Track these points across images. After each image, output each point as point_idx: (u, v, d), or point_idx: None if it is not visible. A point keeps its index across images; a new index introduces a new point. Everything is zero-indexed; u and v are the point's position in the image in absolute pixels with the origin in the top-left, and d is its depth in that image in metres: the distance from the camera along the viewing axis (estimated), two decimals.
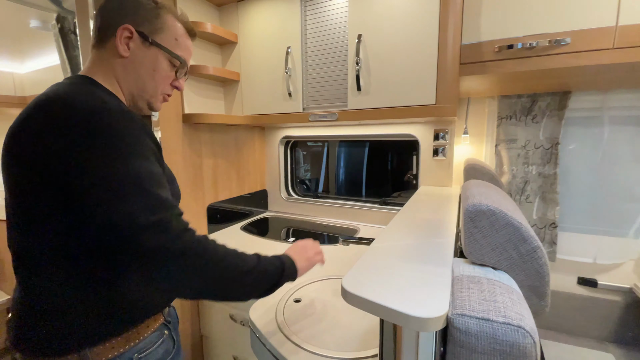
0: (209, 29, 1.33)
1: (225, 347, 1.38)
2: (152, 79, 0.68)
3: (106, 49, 0.65)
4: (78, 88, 0.57)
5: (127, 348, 0.60)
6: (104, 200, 0.49)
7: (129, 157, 0.52)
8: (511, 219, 0.49)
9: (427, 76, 1.08)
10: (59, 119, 0.52)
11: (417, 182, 1.47)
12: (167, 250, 0.51)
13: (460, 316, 0.40)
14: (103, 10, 0.66)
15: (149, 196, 0.52)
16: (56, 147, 0.51)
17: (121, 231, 0.49)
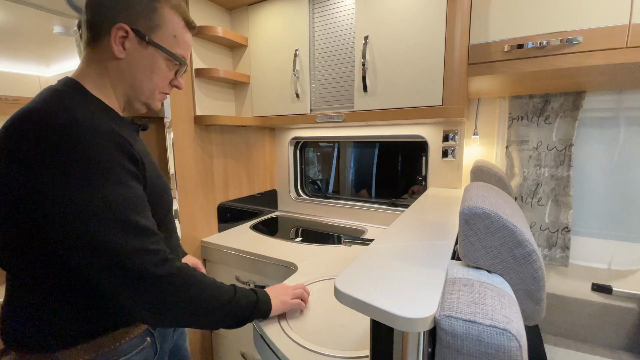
0: (220, 32, 1.37)
1: (233, 344, 1.42)
2: (149, 81, 0.64)
3: (99, 48, 0.60)
4: (53, 101, 0.53)
5: (99, 354, 0.58)
6: (74, 232, 0.49)
7: (100, 182, 0.50)
8: (506, 222, 0.49)
9: (433, 77, 1.07)
10: (20, 141, 0.49)
11: (426, 184, 1.46)
12: (152, 276, 0.52)
13: (447, 317, 0.40)
14: (94, 3, 0.59)
15: (127, 224, 0.51)
16: (18, 175, 0.48)
17: (104, 258, 0.50)
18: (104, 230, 0.50)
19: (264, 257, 1.22)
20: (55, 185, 0.48)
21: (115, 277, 0.51)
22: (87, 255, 0.50)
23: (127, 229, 0.52)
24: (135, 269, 0.51)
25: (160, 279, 0.53)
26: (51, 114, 0.50)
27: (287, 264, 1.16)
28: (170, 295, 0.55)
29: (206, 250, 1.42)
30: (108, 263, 0.50)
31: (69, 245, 0.50)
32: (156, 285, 0.53)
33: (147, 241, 0.54)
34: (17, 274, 0.57)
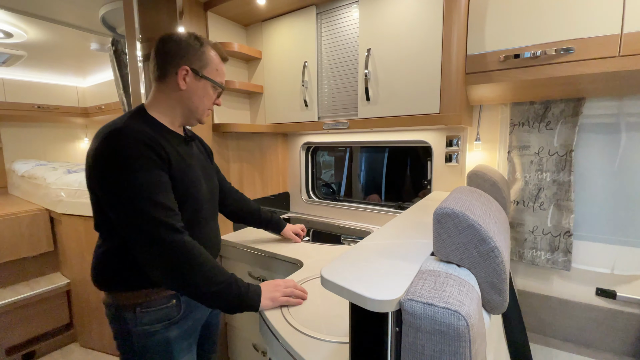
0: (236, 48, 1.49)
1: (246, 335, 1.52)
2: (201, 103, 0.89)
3: (166, 83, 0.85)
4: (125, 119, 0.79)
5: (137, 302, 0.82)
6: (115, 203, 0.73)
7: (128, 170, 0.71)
8: (472, 221, 0.55)
9: (431, 86, 1.13)
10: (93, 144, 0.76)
11: (430, 187, 1.51)
12: (162, 240, 0.72)
13: (410, 301, 0.47)
14: (162, 53, 0.85)
15: (149, 201, 0.72)
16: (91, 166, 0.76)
17: (132, 224, 0.72)
18: (134, 204, 0.71)
19: (273, 255, 1.31)
20: (106, 174, 0.72)
21: (137, 238, 0.73)
22: (122, 221, 0.73)
23: (149, 204, 0.72)
24: (151, 233, 0.71)
25: (168, 244, 0.72)
26: (110, 125, 0.77)
27: (293, 260, 1.25)
28: (173, 259, 0.73)
29: (223, 247, 1.53)
30: (134, 228, 0.72)
31: (115, 214, 0.74)
32: (163, 248, 0.72)
33: (163, 214, 0.73)
34: (100, 236, 0.84)
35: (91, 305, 2.09)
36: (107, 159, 0.72)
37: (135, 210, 0.71)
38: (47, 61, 2.44)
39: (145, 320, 0.82)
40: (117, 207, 0.72)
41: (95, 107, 3.07)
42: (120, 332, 0.84)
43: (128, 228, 0.72)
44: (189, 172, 0.86)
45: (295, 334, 0.77)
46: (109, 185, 0.72)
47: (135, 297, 0.82)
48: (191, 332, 0.92)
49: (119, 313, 0.83)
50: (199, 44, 0.86)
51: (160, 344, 0.84)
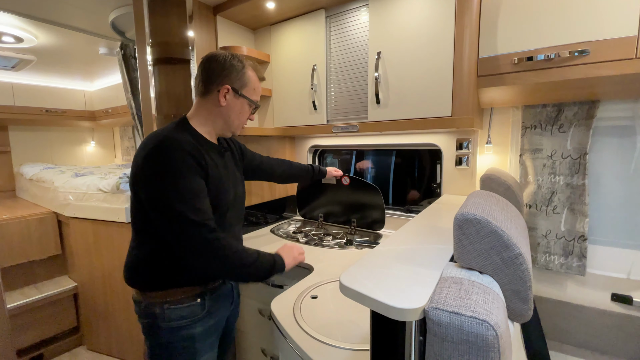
0: (245, 51, 1.49)
1: (254, 340, 1.50)
2: (237, 118, 0.97)
3: (208, 99, 0.93)
4: (170, 128, 0.88)
5: (164, 300, 0.88)
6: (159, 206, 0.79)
7: (170, 177, 0.79)
8: (495, 227, 0.54)
9: (442, 89, 1.12)
10: (140, 151, 0.83)
11: (440, 191, 1.50)
12: (203, 239, 0.80)
13: (435, 309, 0.46)
14: (208, 70, 0.92)
15: (189, 206, 0.79)
16: (137, 171, 0.83)
17: (175, 226, 0.78)
18: (175, 208, 0.78)
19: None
20: (151, 179, 0.80)
21: (181, 239, 0.79)
22: (164, 223, 0.80)
23: (189, 208, 0.79)
24: (193, 234, 0.79)
25: (208, 241, 0.80)
26: (158, 134, 0.84)
27: (304, 265, 1.24)
28: (214, 253, 0.82)
29: None
30: (177, 229, 0.79)
31: (158, 217, 0.81)
32: (205, 245, 0.80)
33: (201, 217, 0.80)
34: (136, 238, 0.90)
35: (98, 309, 2.09)
36: (155, 165, 0.79)
37: (175, 213, 0.78)
38: (56, 65, 2.46)
39: (173, 316, 0.89)
40: (160, 210, 0.79)
41: (102, 111, 3.09)
42: (149, 327, 0.91)
43: (170, 230, 0.79)
44: (221, 181, 0.93)
45: (309, 341, 0.76)
46: (155, 190, 0.79)
47: (163, 296, 0.89)
48: (214, 330, 0.97)
49: (149, 309, 0.89)
50: (241, 65, 0.94)
51: (185, 339, 0.91)
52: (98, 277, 2.04)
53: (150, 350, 0.92)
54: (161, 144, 0.80)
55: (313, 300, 0.96)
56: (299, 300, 0.95)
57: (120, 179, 1.78)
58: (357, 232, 1.67)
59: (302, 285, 1.05)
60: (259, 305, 1.43)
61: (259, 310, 1.43)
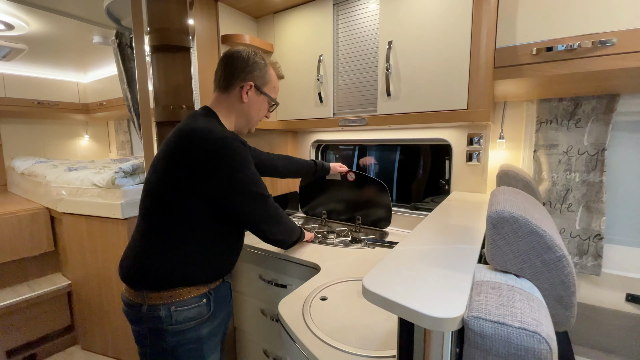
0: (247, 40, 1.42)
1: (256, 340, 1.45)
2: (257, 115, 0.99)
3: (230, 94, 0.94)
4: (210, 123, 0.87)
5: (170, 301, 0.85)
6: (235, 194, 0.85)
7: (243, 168, 0.85)
8: (535, 226, 0.49)
9: (458, 81, 1.07)
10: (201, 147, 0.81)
11: (449, 188, 1.45)
12: (269, 203, 0.92)
13: (476, 319, 0.41)
14: (231, 66, 0.92)
15: (258, 185, 0.89)
16: (200, 165, 0.80)
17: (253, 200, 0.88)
18: (251, 188, 0.87)
19: (286, 257, 1.25)
20: (226, 171, 0.82)
21: (264, 214, 0.92)
22: (247, 200, 0.87)
23: (258, 186, 0.89)
24: (271, 206, 0.94)
25: (278, 209, 0.97)
26: (210, 130, 0.83)
27: (310, 264, 1.18)
28: (284, 218, 1.01)
29: None
30: (259, 207, 0.90)
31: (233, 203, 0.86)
32: (280, 213, 0.98)
33: (265, 191, 0.91)
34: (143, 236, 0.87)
35: (92, 307, 2.02)
36: (225, 160, 0.82)
37: (255, 194, 0.88)
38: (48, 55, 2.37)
39: (180, 318, 0.86)
40: (239, 196, 0.85)
41: (97, 104, 2.99)
42: (151, 332, 0.85)
43: (251, 210, 0.88)
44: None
45: (322, 347, 0.71)
46: (230, 181, 0.83)
47: (170, 296, 0.85)
48: (218, 330, 0.96)
49: (152, 312, 0.84)
50: (263, 62, 0.95)
51: (192, 342, 0.88)
52: (92, 275, 1.97)
53: (152, 357, 0.87)
54: (223, 141, 0.82)
55: (323, 302, 0.91)
56: (308, 302, 0.90)
57: (115, 173, 1.71)
58: (362, 229, 1.62)
59: (309, 285, 1.00)
60: (261, 305, 1.38)
61: (261, 310, 1.38)
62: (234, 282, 1.50)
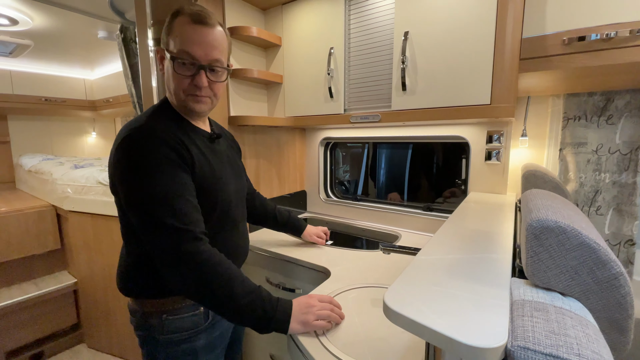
0: (255, 32, 1.36)
1: (263, 345, 1.41)
2: (172, 84, 0.74)
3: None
4: (145, 116, 0.73)
5: (161, 309, 0.77)
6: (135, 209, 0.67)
7: (150, 173, 0.65)
8: (586, 238, 0.42)
9: (481, 74, 0.99)
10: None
11: (465, 188, 1.38)
12: (178, 251, 0.64)
13: (523, 349, 0.35)
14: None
15: (166, 207, 0.65)
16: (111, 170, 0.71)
17: (149, 231, 0.65)
18: (151, 210, 0.64)
19: (294, 260, 1.19)
20: (124, 177, 0.66)
21: (154, 248, 0.66)
22: (141, 227, 0.66)
23: (167, 210, 0.64)
24: (166, 243, 0.64)
25: (188, 253, 0.64)
26: (133, 127, 0.69)
27: (319, 268, 1.13)
28: (193, 269, 0.65)
29: None
30: (152, 236, 0.65)
31: (135, 220, 0.68)
32: (182, 258, 0.64)
33: (181, 221, 0.65)
34: (126, 241, 0.78)
35: (99, 306, 2.01)
36: (127, 160, 0.66)
37: (152, 217, 0.64)
38: (54, 51, 2.35)
39: (172, 328, 0.78)
40: (136, 213, 0.67)
41: (103, 100, 2.97)
42: (145, 340, 0.80)
43: (147, 235, 0.66)
44: (214, 173, 0.79)
45: None
46: (128, 189, 0.66)
47: (162, 305, 0.77)
48: (218, 343, 0.87)
49: (145, 320, 0.78)
50: (171, 17, 0.73)
51: (186, 354, 0.80)
52: (98, 274, 1.95)
53: None
54: (133, 133, 0.66)
55: None
56: None
57: None
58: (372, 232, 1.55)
59: (319, 292, 0.94)
60: None
61: None
62: None
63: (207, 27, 0.72)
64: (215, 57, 0.73)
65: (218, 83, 0.77)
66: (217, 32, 0.74)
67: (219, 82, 0.77)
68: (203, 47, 0.72)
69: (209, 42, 0.72)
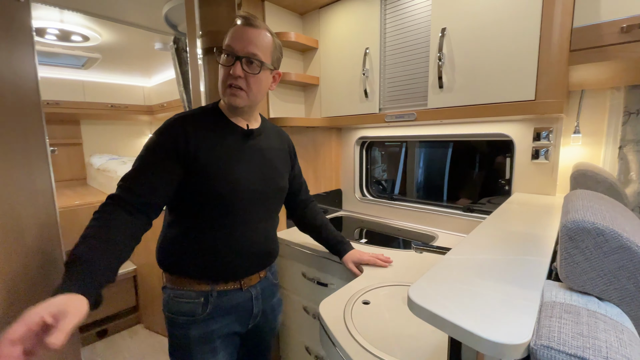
0: (293, 37, 1.42)
1: (298, 337, 1.46)
2: (220, 78, 0.83)
3: None
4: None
5: (170, 286, 0.85)
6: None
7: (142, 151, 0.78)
8: (626, 241, 0.40)
9: (524, 68, 0.95)
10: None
11: (509, 188, 1.31)
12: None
13: (546, 348, 0.35)
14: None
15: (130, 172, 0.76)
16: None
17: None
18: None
19: (329, 256, 1.23)
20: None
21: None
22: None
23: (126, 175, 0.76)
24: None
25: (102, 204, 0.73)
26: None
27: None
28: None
29: None
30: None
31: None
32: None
33: (123, 183, 0.75)
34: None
35: (154, 291, 2.22)
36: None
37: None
38: (118, 63, 2.63)
39: (172, 309, 0.84)
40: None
41: (159, 105, 3.26)
42: (163, 313, 0.89)
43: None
44: (228, 167, 0.83)
45: (364, 355, 0.67)
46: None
47: (171, 281, 0.86)
48: (216, 337, 0.86)
49: (163, 292, 0.88)
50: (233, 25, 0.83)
51: (180, 338, 0.85)
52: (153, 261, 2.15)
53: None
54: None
55: (365, 306, 0.87)
56: (350, 305, 0.87)
57: None
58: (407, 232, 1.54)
59: (351, 287, 0.97)
60: (304, 302, 1.38)
61: (303, 307, 1.38)
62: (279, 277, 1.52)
63: (251, 27, 0.80)
64: (252, 51, 0.79)
65: (252, 76, 0.81)
66: (261, 32, 0.81)
67: (253, 75, 0.81)
68: (242, 41, 0.79)
69: (248, 38, 0.80)
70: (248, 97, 0.83)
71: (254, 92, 0.83)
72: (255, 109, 0.92)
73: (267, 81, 0.87)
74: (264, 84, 0.85)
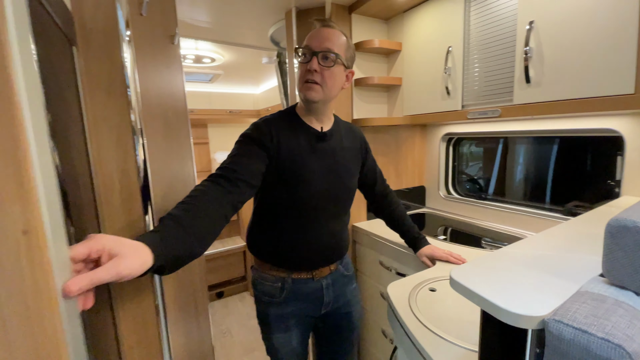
0: (377, 44, 1.54)
1: (376, 320, 1.60)
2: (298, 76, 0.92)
3: None
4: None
5: (257, 268, 1.02)
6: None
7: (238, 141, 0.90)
8: None
9: (620, 58, 0.85)
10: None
11: (619, 191, 1.15)
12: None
13: (556, 322, 0.41)
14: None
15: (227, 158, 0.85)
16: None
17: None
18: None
19: (405, 248, 1.31)
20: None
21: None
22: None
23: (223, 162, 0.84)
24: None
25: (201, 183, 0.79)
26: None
27: None
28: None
29: (357, 233, 1.66)
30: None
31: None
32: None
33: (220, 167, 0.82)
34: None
35: None
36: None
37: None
38: (234, 75, 3.19)
39: (257, 287, 1.03)
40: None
41: (264, 110, 3.79)
42: (253, 290, 1.07)
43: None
44: (302, 166, 0.91)
45: (421, 329, 0.78)
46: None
47: (257, 263, 1.03)
48: (290, 317, 1.01)
49: (253, 272, 1.05)
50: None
51: (262, 313, 1.03)
52: None
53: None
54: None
55: (431, 292, 0.95)
56: (416, 290, 0.97)
57: None
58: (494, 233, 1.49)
59: (421, 276, 1.05)
60: (381, 288, 1.50)
61: (381, 293, 1.50)
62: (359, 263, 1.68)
63: (327, 27, 0.89)
64: (327, 46, 0.85)
65: (327, 70, 0.86)
66: (335, 32, 0.89)
67: (328, 69, 0.86)
68: (319, 39, 0.87)
69: (324, 36, 0.87)
70: (323, 91, 0.87)
71: (329, 86, 0.87)
72: (329, 107, 0.96)
73: (341, 77, 0.91)
74: (338, 79, 0.89)
